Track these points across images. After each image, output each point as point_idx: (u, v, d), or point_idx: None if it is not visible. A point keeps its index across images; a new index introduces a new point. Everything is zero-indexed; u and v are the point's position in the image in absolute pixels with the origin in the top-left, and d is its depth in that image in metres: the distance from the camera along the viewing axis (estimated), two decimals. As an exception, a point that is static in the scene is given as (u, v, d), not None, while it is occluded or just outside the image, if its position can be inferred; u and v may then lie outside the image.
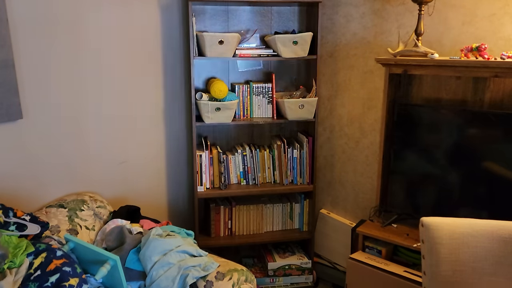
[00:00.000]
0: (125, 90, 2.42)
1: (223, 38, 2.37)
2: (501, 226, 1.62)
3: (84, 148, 2.31)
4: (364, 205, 2.65)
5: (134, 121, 2.49)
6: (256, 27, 2.65)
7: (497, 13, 2.03)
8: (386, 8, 2.40)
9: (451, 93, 2.19)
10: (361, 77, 2.57)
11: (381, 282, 2.10)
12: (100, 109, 2.34)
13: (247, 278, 1.89)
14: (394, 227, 2.30)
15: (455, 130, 2.09)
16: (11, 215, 1.73)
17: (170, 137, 2.66)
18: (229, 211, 2.70)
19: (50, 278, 1.50)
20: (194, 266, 1.81)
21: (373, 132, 2.56)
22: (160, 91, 2.56)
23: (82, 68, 2.23)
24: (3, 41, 1.87)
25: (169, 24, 2.51)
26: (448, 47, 2.19)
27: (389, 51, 2.18)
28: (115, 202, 2.43)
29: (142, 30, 2.42)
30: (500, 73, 1.86)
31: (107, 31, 2.29)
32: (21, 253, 1.57)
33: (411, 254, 2.19)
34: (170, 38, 2.53)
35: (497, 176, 1.98)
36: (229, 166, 2.64)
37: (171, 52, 2.55)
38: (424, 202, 2.25)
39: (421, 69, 2.09)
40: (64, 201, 2.11)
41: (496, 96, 2.04)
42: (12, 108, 1.94)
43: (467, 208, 2.09)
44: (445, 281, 1.61)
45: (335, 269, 2.80)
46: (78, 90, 2.24)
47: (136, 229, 2.05)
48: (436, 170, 2.17)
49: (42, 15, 2.04)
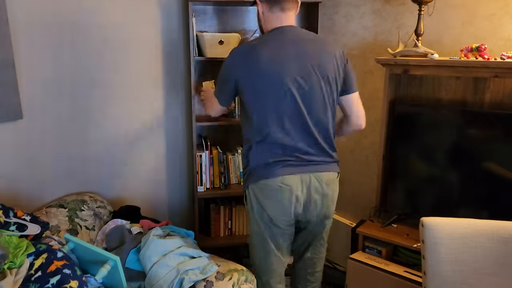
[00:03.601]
0: (125, 90, 2.42)
1: (223, 38, 2.37)
2: (501, 226, 1.62)
3: (84, 148, 2.31)
4: (364, 205, 2.65)
5: (134, 121, 2.49)
6: (256, 27, 2.65)
7: (497, 13, 2.03)
8: (386, 8, 2.40)
9: (451, 93, 2.19)
10: (361, 77, 2.57)
11: (381, 282, 2.10)
12: (100, 109, 2.34)
13: (247, 278, 1.89)
14: (394, 227, 2.30)
15: (455, 130, 2.09)
16: (12, 215, 1.73)
17: (170, 137, 2.66)
18: (229, 211, 2.70)
19: (51, 279, 1.50)
20: (192, 269, 1.80)
21: (373, 132, 2.56)
22: (160, 91, 2.56)
23: (82, 68, 2.23)
24: (3, 41, 1.87)
25: (169, 24, 2.50)
26: (448, 47, 2.19)
27: (389, 51, 2.18)
28: (115, 202, 2.43)
29: (142, 30, 2.42)
30: (500, 73, 1.86)
31: (107, 31, 2.29)
32: (21, 254, 1.56)
33: (411, 254, 2.18)
34: (170, 38, 2.53)
35: (497, 176, 1.98)
36: (229, 166, 2.63)
37: (171, 52, 2.54)
38: (424, 202, 2.25)
39: (421, 69, 2.09)
40: (64, 201, 2.11)
41: (496, 97, 2.05)
42: (12, 108, 1.94)
43: (467, 208, 2.09)
44: (445, 281, 1.61)
45: (335, 269, 2.80)
46: (78, 90, 2.24)
47: (136, 229, 2.05)
48: (436, 170, 2.17)
49: (42, 15, 2.04)
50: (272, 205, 1.77)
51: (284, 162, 1.73)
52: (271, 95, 1.70)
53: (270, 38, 1.75)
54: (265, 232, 1.83)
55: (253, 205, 1.82)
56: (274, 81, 1.68)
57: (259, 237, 1.87)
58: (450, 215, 1.71)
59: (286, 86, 1.69)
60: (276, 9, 1.75)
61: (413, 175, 2.26)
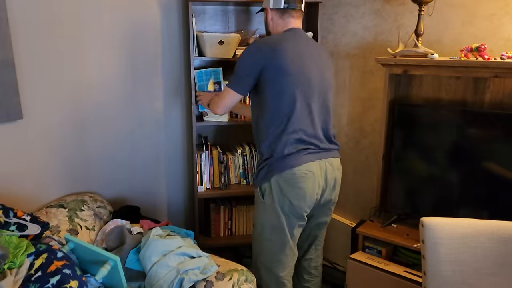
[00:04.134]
0: (125, 90, 2.42)
1: (223, 38, 2.37)
2: (501, 226, 1.62)
3: (84, 148, 2.31)
4: (364, 205, 2.65)
5: (134, 121, 2.49)
6: (256, 27, 2.65)
7: (497, 13, 2.03)
8: (386, 8, 2.40)
9: (451, 93, 2.19)
10: (361, 77, 2.57)
11: (381, 282, 2.10)
12: (100, 109, 2.34)
13: (247, 278, 1.89)
14: (394, 227, 2.30)
15: (455, 130, 2.09)
16: (12, 215, 1.72)
17: (170, 137, 2.66)
18: (229, 211, 2.70)
19: (51, 279, 1.50)
20: (192, 269, 1.80)
21: (373, 132, 2.56)
22: (160, 91, 2.56)
23: (82, 68, 2.23)
24: (3, 41, 1.87)
25: (169, 24, 2.51)
26: (448, 47, 2.19)
27: (389, 51, 2.18)
28: (115, 202, 2.43)
29: (142, 30, 2.42)
30: (500, 73, 1.86)
31: (107, 31, 2.29)
32: (21, 254, 1.56)
33: (411, 254, 2.18)
34: (170, 38, 2.53)
35: (497, 176, 1.98)
36: (229, 166, 2.63)
37: (171, 52, 2.54)
38: (424, 202, 2.25)
39: (421, 69, 2.09)
40: (64, 201, 2.11)
41: (496, 97, 2.05)
42: (12, 108, 1.94)
43: (467, 208, 2.09)
44: (445, 281, 1.61)
45: (335, 269, 2.80)
46: (78, 90, 2.24)
47: (136, 229, 2.05)
48: (436, 170, 2.17)
49: (42, 15, 2.04)
50: (298, 194, 1.86)
51: (306, 150, 1.87)
52: (294, 88, 1.83)
53: (288, 36, 1.91)
54: (284, 224, 1.91)
55: (275, 197, 1.88)
56: (298, 76, 1.83)
57: (276, 230, 1.93)
58: (450, 215, 1.71)
59: (307, 81, 1.85)
60: (287, 16, 1.94)
61: (413, 175, 2.26)
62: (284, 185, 1.85)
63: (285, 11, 1.92)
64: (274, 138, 1.86)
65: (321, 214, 2.05)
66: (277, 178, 1.86)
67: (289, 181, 1.84)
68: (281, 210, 1.89)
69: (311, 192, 1.87)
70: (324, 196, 1.95)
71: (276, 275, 1.99)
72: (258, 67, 1.83)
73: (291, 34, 1.91)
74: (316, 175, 1.87)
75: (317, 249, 2.15)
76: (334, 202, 2.05)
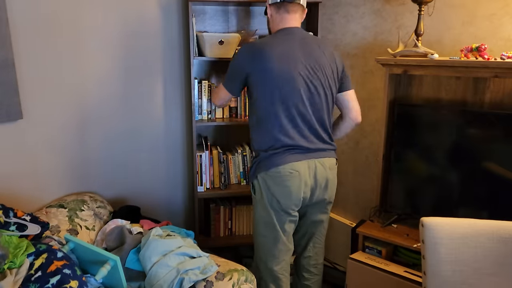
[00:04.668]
0: (125, 90, 2.42)
1: (223, 38, 2.37)
2: (501, 226, 1.62)
3: (85, 148, 2.31)
4: (364, 205, 2.65)
5: (134, 121, 2.49)
6: (256, 27, 2.65)
7: (497, 13, 2.03)
8: (386, 8, 2.40)
9: (451, 93, 2.19)
10: (361, 77, 2.57)
11: (381, 282, 2.10)
12: (100, 108, 2.34)
13: (247, 278, 1.89)
14: (394, 227, 2.30)
15: (455, 130, 2.09)
16: (12, 215, 1.72)
17: (170, 137, 2.66)
18: (229, 211, 2.70)
19: (51, 279, 1.50)
20: (192, 269, 1.80)
21: (373, 132, 2.56)
22: (160, 91, 2.56)
23: (82, 68, 2.23)
24: (3, 41, 1.87)
25: (169, 24, 2.50)
26: (448, 47, 2.19)
27: (389, 51, 2.18)
28: (115, 202, 2.43)
29: (142, 30, 2.42)
30: (500, 74, 1.86)
31: (107, 31, 2.29)
32: (21, 254, 1.56)
33: (411, 254, 2.18)
34: (170, 38, 2.53)
35: (497, 176, 1.98)
36: (229, 166, 2.63)
37: (171, 52, 2.54)
38: (424, 202, 2.25)
39: (421, 69, 2.09)
40: (64, 201, 2.11)
41: (496, 97, 2.05)
42: (12, 108, 1.94)
43: (467, 208, 2.09)
44: (445, 281, 1.61)
45: (335, 269, 2.80)
46: (78, 90, 2.24)
47: (136, 229, 2.05)
48: (436, 170, 2.17)
49: (42, 15, 2.04)
50: (283, 192, 1.89)
51: (292, 150, 1.88)
52: (280, 89, 1.84)
53: (279, 37, 1.91)
54: (274, 219, 1.95)
55: (263, 194, 1.93)
56: (283, 76, 1.83)
57: (267, 226, 1.97)
58: (450, 215, 1.71)
59: (293, 82, 1.84)
60: (282, 10, 1.91)
61: (413, 175, 2.26)
62: (271, 182, 1.90)
63: (281, 5, 1.90)
64: (262, 137, 1.91)
65: (316, 213, 2.06)
66: (264, 175, 1.91)
67: (275, 179, 1.88)
68: (270, 206, 1.93)
69: (297, 191, 1.88)
70: (315, 195, 1.95)
71: (270, 269, 2.03)
72: (243, 72, 1.89)
73: (281, 34, 1.91)
74: (303, 174, 1.88)
75: (316, 247, 2.15)
76: (329, 202, 2.06)
